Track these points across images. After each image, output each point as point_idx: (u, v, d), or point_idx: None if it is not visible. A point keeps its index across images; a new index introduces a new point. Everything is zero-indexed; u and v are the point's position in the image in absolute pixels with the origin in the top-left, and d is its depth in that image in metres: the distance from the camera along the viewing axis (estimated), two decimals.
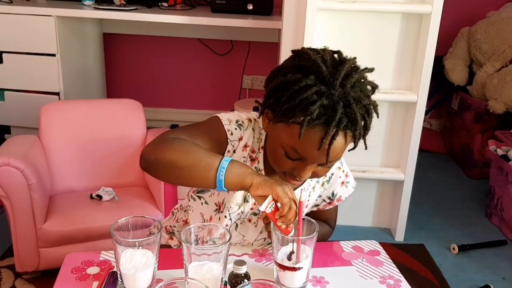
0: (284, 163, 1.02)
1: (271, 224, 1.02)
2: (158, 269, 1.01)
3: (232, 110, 3.07)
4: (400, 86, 2.40)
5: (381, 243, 1.24)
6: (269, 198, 0.95)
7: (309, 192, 1.20)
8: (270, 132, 1.06)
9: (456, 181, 3.25)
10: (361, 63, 1.06)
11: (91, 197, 2.07)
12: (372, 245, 1.22)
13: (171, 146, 1.00)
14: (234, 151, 1.11)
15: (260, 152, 1.13)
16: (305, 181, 1.17)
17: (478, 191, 3.07)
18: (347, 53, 1.04)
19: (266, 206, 0.95)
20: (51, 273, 1.08)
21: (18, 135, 2.22)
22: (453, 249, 2.41)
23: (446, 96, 3.63)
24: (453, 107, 3.53)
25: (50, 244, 1.92)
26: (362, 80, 1.00)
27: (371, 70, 1.03)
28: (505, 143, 2.78)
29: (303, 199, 1.00)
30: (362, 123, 0.99)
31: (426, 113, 3.49)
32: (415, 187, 2.48)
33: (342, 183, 1.24)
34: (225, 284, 0.98)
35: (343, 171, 1.24)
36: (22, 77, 2.76)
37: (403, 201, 2.46)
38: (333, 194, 1.24)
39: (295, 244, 1.00)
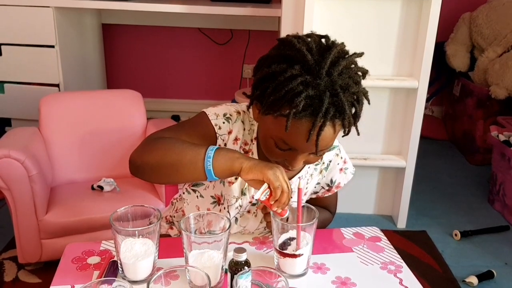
0: (275, 154, 1.02)
1: (271, 213, 1.02)
2: (158, 258, 1.01)
3: (233, 99, 3.07)
4: (401, 73, 2.38)
5: (383, 230, 1.24)
6: (264, 186, 0.94)
7: (307, 180, 1.20)
8: (260, 122, 1.06)
9: (458, 167, 3.24)
10: (362, 49, 1.03)
11: (92, 188, 2.07)
12: (373, 231, 1.22)
13: (154, 147, 1.01)
14: (225, 145, 1.10)
15: (253, 144, 1.12)
16: (302, 168, 1.17)
17: (480, 177, 3.06)
18: (347, 40, 1.02)
19: (261, 194, 0.94)
20: (54, 264, 1.09)
21: (19, 127, 2.21)
22: (456, 235, 2.40)
23: (447, 83, 3.61)
24: (455, 93, 3.51)
25: (52, 235, 1.92)
26: (352, 66, 0.97)
27: (360, 55, 1.00)
28: (507, 128, 2.77)
29: (301, 186, 1.00)
30: (353, 111, 0.97)
31: (428, 99, 3.48)
32: (417, 174, 2.48)
33: (341, 169, 1.23)
34: (226, 272, 0.98)
35: (341, 158, 1.23)
36: (22, 69, 2.75)
37: (405, 188, 2.46)
38: (331, 181, 1.23)
39: (295, 231, 1.00)
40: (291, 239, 1.01)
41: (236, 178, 1.12)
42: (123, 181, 2.12)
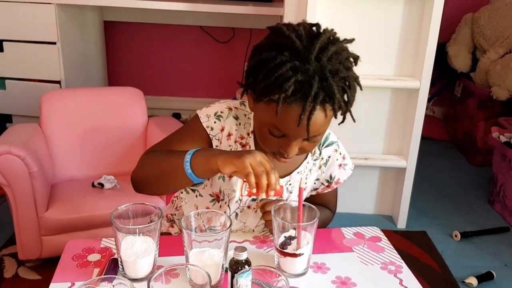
0: (269, 141, 1.02)
1: (272, 211, 1.02)
2: (159, 256, 1.01)
3: (234, 98, 3.07)
4: (403, 73, 2.38)
5: (383, 230, 1.24)
6: (241, 181, 0.93)
7: (306, 175, 1.19)
8: (254, 112, 1.07)
9: (458, 168, 3.24)
10: (364, 49, 1.04)
11: (93, 185, 2.07)
12: (373, 231, 1.22)
13: (144, 163, 1.10)
14: (220, 143, 1.12)
15: (250, 137, 1.13)
16: (301, 163, 1.17)
17: (480, 178, 3.06)
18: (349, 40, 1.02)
19: (241, 190, 0.94)
20: (54, 261, 1.08)
21: (19, 123, 2.21)
22: (456, 236, 2.40)
23: (449, 83, 3.61)
24: (456, 94, 3.51)
25: (52, 232, 1.92)
26: (342, 52, 0.98)
27: (350, 41, 1.01)
28: (508, 129, 2.77)
29: (302, 185, 1.00)
30: (345, 96, 0.98)
31: (429, 100, 3.48)
32: (418, 175, 2.47)
33: (340, 165, 1.23)
34: (226, 271, 0.97)
35: (340, 154, 1.23)
36: (23, 66, 2.75)
37: (405, 188, 2.46)
38: (331, 177, 1.23)
39: (296, 230, 1.00)
40: (292, 238, 1.01)
41: None
42: (124, 178, 2.12)
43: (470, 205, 2.77)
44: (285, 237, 1.01)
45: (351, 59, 1.00)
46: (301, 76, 0.92)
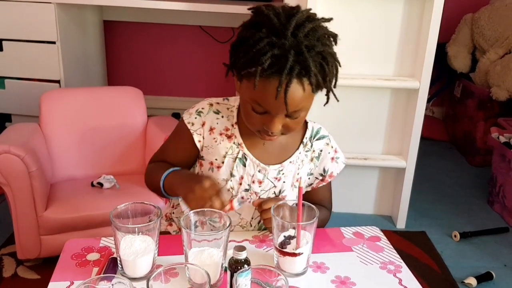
0: (253, 119, 1.06)
1: (271, 210, 1.02)
2: (158, 255, 1.00)
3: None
4: (402, 73, 2.38)
5: (382, 230, 1.23)
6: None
7: (298, 165, 1.21)
8: (239, 92, 1.10)
9: (458, 168, 3.24)
10: (364, 49, 1.05)
11: (92, 184, 2.07)
12: (372, 231, 1.22)
13: (146, 176, 1.25)
14: (203, 137, 1.18)
15: (234, 128, 1.17)
16: (293, 154, 1.19)
17: (480, 179, 3.06)
18: (349, 40, 1.04)
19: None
20: (53, 261, 1.08)
21: (19, 123, 2.21)
22: (455, 236, 2.40)
23: (448, 84, 3.61)
24: (456, 95, 3.51)
25: (51, 232, 1.92)
26: (320, 29, 1.01)
27: (328, 20, 1.04)
28: (507, 130, 2.77)
29: (302, 184, 1.00)
30: (323, 72, 1.00)
31: (429, 100, 3.47)
32: (417, 175, 2.47)
33: (332, 158, 1.24)
34: (225, 270, 0.97)
35: (332, 147, 1.24)
36: (23, 65, 2.74)
37: (405, 189, 2.45)
38: (324, 170, 1.24)
39: (295, 229, 1.00)
40: (291, 237, 1.01)
41: (222, 162, 1.17)
42: (123, 178, 2.12)
43: (470, 206, 2.77)
44: (284, 236, 1.01)
45: (330, 38, 1.03)
46: (277, 51, 0.96)
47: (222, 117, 1.18)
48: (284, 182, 1.19)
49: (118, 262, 0.99)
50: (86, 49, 3.14)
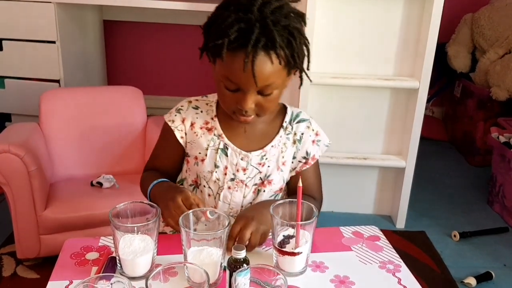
0: (227, 97, 1.09)
1: (271, 209, 1.02)
2: (157, 255, 1.00)
3: None
4: (402, 73, 2.38)
5: (382, 230, 1.23)
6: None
7: (281, 148, 1.22)
8: (214, 75, 1.12)
9: (458, 168, 3.24)
10: (363, 49, 1.05)
11: (92, 184, 2.07)
12: (372, 230, 1.22)
13: (141, 189, 1.26)
14: (185, 133, 1.22)
15: (214, 121, 1.21)
16: (274, 138, 1.20)
17: (480, 179, 3.06)
18: (349, 40, 1.05)
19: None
20: (52, 260, 1.08)
21: (19, 122, 2.21)
22: (454, 236, 2.40)
23: (448, 83, 3.61)
24: (456, 94, 3.51)
25: (51, 231, 1.92)
26: (286, 7, 1.04)
27: (295, 0, 1.08)
28: (507, 130, 2.77)
29: (300, 184, 1.00)
30: (292, 46, 1.02)
31: (428, 100, 3.47)
32: (417, 175, 2.47)
33: (313, 141, 1.25)
34: (224, 269, 0.97)
35: (313, 130, 1.26)
36: (22, 65, 2.74)
37: (404, 188, 2.45)
38: (307, 153, 1.25)
39: (294, 229, 0.99)
40: (290, 237, 1.01)
41: (206, 155, 1.19)
42: (122, 177, 2.12)
43: (469, 205, 2.77)
44: (283, 235, 1.01)
45: (298, 16, 1.06)
46: (244, 25, 0.99)
47: (202, 112, 1.22)
48: (268, 166, 1.21)
49: (117, 261, 0.99)
50: (86, 49, 3.14)
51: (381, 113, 2.45)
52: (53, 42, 2.70)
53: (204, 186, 1.22)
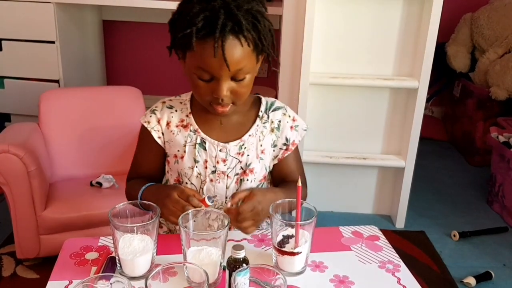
0: (201, 89, 1.09)
1: (270, 209, 1.02)
2: (156, 254, 1.01)
3: None
4: (402, 73, 2.38)
5: (381, 230, 1.23)
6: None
7: (259, 137, 1.22)
8: (185, 71, 1.13)
9: (457, 168, 3.24)
10: (363, 49, 1.05)
11: (91, 184, 2.07)
12: (371, 230, 1.22)
13: (126, 194, 1.28)
14: (162, 133, 1.23)
15: (189, 118, 1.22)
16: (251, 127, 1.21)
17: (479, 178, 3.06)
18: (348, 39, 1.04)
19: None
20: (52, 260, 1.09)
21: (18, 122, 2.21)
22: (454, 236, 2.40)
23: (448, 83, 3.61)
24: (455, 94, 3.51)
25: (51, 231, 1.92)
26: None
27: None
28: (507, 129, 2.77)
29: (299, 184, 1.00)
30: (258, 28, 1.03)
31: (428, 100, 3.46)
32: (416, 174, 2.47)
33: (291, 127, 1.26)
34: (224, 269, 0.97)
35: (289, 116, 1.27)
36: (22, 65, 2.75)
37: (404, 188, 2.45)
38: (286, 139, 1.26)
39: (294, 229, 1.00)
40: (290, 237, 1.01)
41: (184, 152, 1.20)
42: (122, 177, 2.10)
43: (469, 205, 2.77)
44: (283, 235, 1.01)
45: (258, 1, 1.07)
46: (208, 13, 1.01)
47: (176, 111, 1.23)
48: (248, 155, 1.21)
49: (117, 261, 0.99)
50: (85, 49, 3.14)
51: (381, 113, 2.45)
52: (53, 42, 2.70)
53: (187, 183, 1.22)
